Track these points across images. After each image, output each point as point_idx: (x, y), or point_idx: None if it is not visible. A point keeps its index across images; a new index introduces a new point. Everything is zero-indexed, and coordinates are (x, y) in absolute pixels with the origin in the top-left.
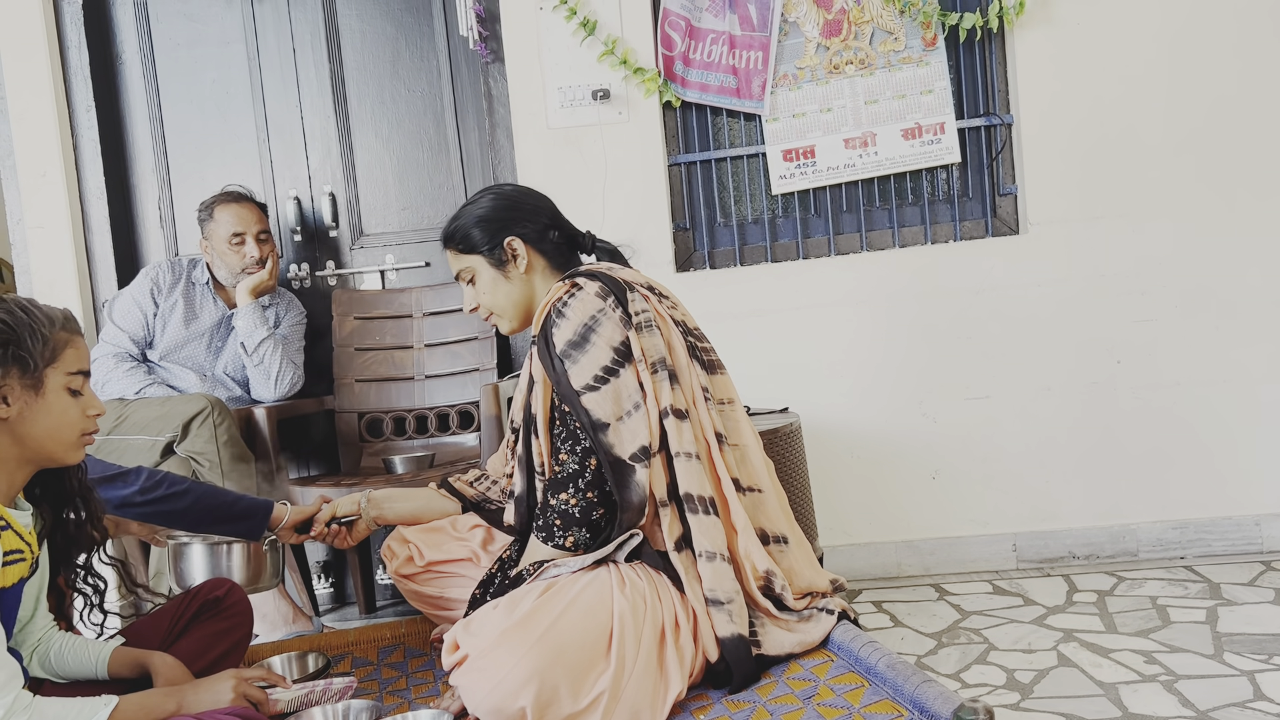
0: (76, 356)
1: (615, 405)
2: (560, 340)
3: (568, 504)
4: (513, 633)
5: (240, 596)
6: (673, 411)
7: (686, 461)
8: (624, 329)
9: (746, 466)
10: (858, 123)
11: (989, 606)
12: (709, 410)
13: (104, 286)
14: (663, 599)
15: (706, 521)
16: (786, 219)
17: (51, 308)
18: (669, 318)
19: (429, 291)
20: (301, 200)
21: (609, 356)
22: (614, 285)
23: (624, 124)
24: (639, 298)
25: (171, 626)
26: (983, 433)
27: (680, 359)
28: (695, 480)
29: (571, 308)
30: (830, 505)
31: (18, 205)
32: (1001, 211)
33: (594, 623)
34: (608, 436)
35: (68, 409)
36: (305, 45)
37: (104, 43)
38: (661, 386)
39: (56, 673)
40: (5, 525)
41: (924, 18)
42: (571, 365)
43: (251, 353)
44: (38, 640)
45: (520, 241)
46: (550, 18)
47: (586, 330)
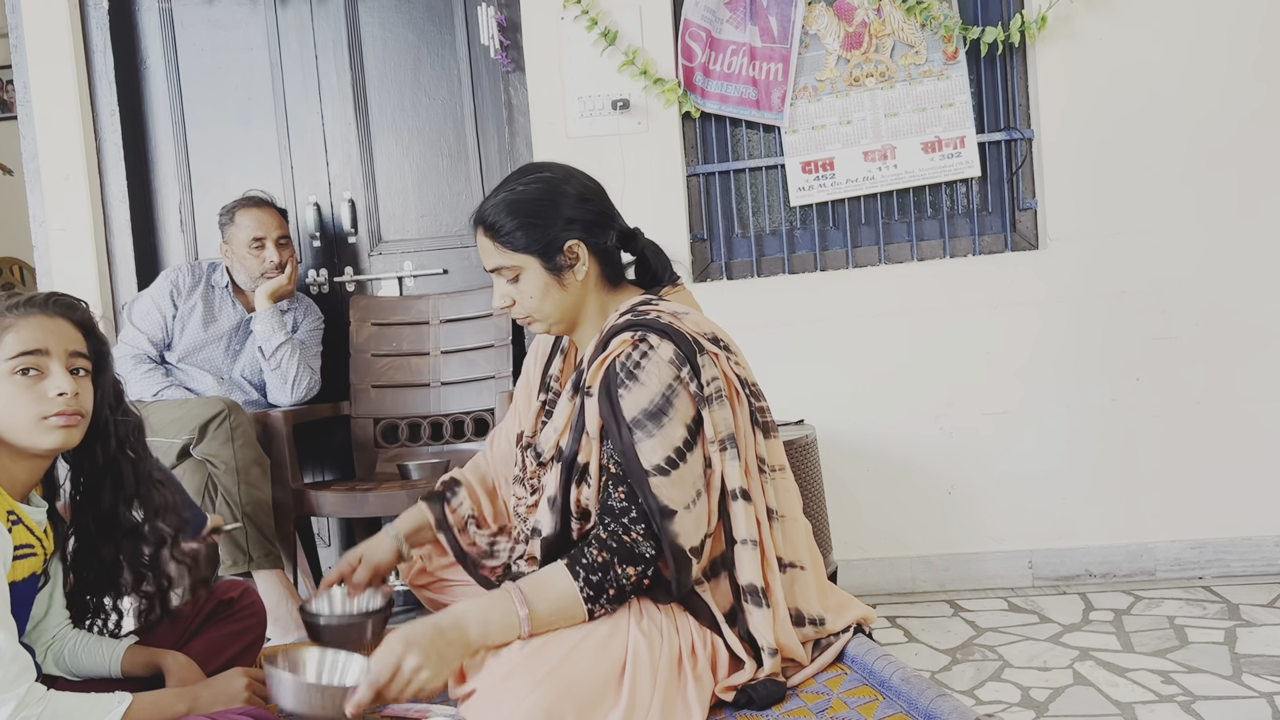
0: (18, 340)
1: (683, 491)
2: (632, 408)
3: (629, 578)
4: (522, 666)
5: (254, 598)
6: (740, 494)
7: (743, 548)
8: (695, 404)
9: (789, 542)
10: (877, 135)
11: (1004, 623)
12: (764, 483)
13: (124, 289)
14: (680, 629)
15: (759, 616)
16: (804, 231)
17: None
18: (734, 378)
19: (446, 299)
20: (321, 206)
21: (682, 436)
22: (685, 347)
23: (643, 134)
24: (709, 361)
25: (186, 627)
26: (1000, 448)
27: (744, 430)
28: (755, 570)
29: (647, 372)
30: (845, 519)
31: (41, 207)
32: (1021, 226)
33: (606, 658)
34: (674, 524)
35: (15, 395)
36: (327, 52)
37: (129, 48)
38: (731, 466)
39: (70, 670)
40: (16, 520)
41: (945, 31)
42: (644, 440)
43: (269, 357)
44: (52, 637)
45: (583, 246)
46: (571, 28)
47: (664, 403)
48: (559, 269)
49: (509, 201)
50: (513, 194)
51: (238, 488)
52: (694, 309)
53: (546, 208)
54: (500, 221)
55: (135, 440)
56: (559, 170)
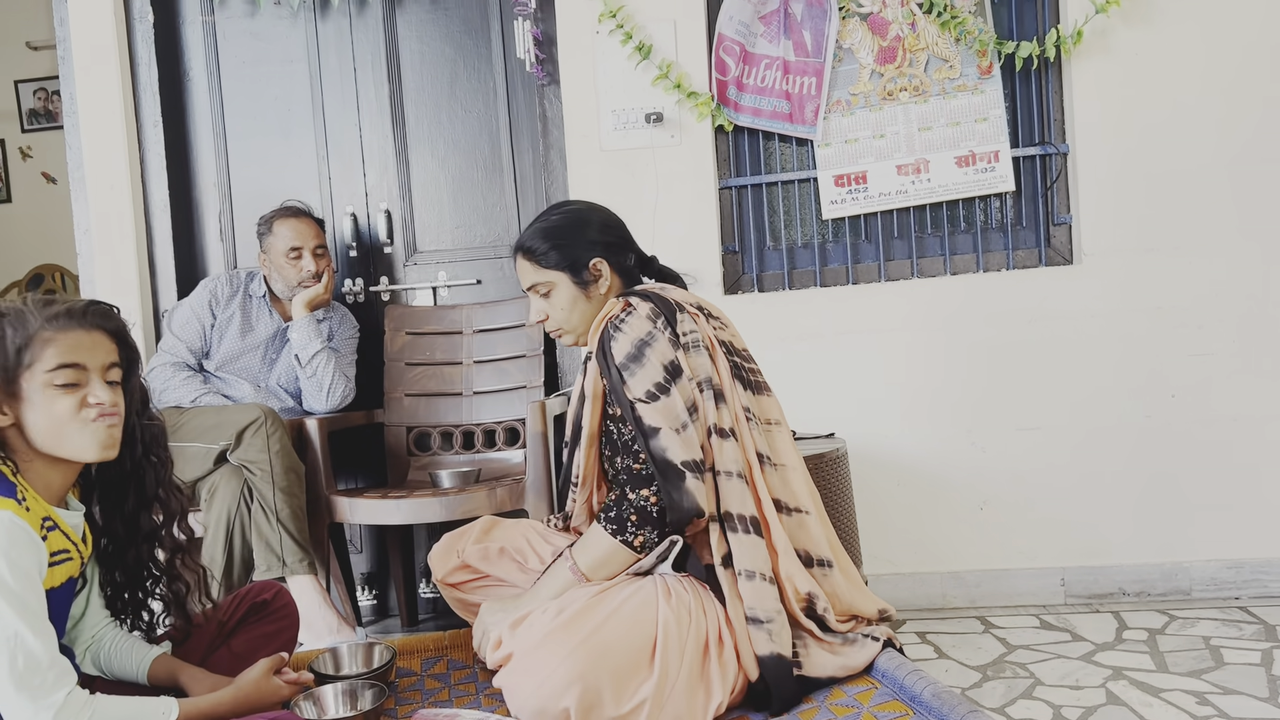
0: (58, 353)
1: (666, 417)
2: (619, 353)
3: (648, 500)
4: (558, 634)
5: (287, 600)
6: (716, 430)
7: (728, 480)
8: (673, 349)
9: (789, 488)
10: (911, 149)
11: (1036, 641)
12: (751, 430)
13: (165, 296)
14: (707, 612)
15: (747, 541)
16: (837, 244)
17: (31, 308)
18: (715, 339)
19: (479, 309)
20: (358, 217)
21: (661, 374)
22: (664, 306)
23: (676, 147)
24: (688, 318)
25: (220, 628)
26: (1032, 464)
27: (725, 379)
28: (737, 499)
29: (628, 324)
30: (876, 533)
31: (85, 215)
32: (1056, 241)
33: (638, 630)
34: (660, 440)
35: (52, 408)
36: (366, 65)
37: (173, 60)
38: (707, 405)
39: (106, 672)
40: (53, 526)
41: (980, 46)
42: (630, 377)
43: (305, 365)
44: (91, 638)
45: (605, 264)
46: (606, 41)
47: (641, 346)
48: (585, 283)
49: (542, 228)
50: (546, 222)
51: (273, 493)
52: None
53: (574, 231)
54: (535, 244)
55: (159, 445)
56: (583, 204)
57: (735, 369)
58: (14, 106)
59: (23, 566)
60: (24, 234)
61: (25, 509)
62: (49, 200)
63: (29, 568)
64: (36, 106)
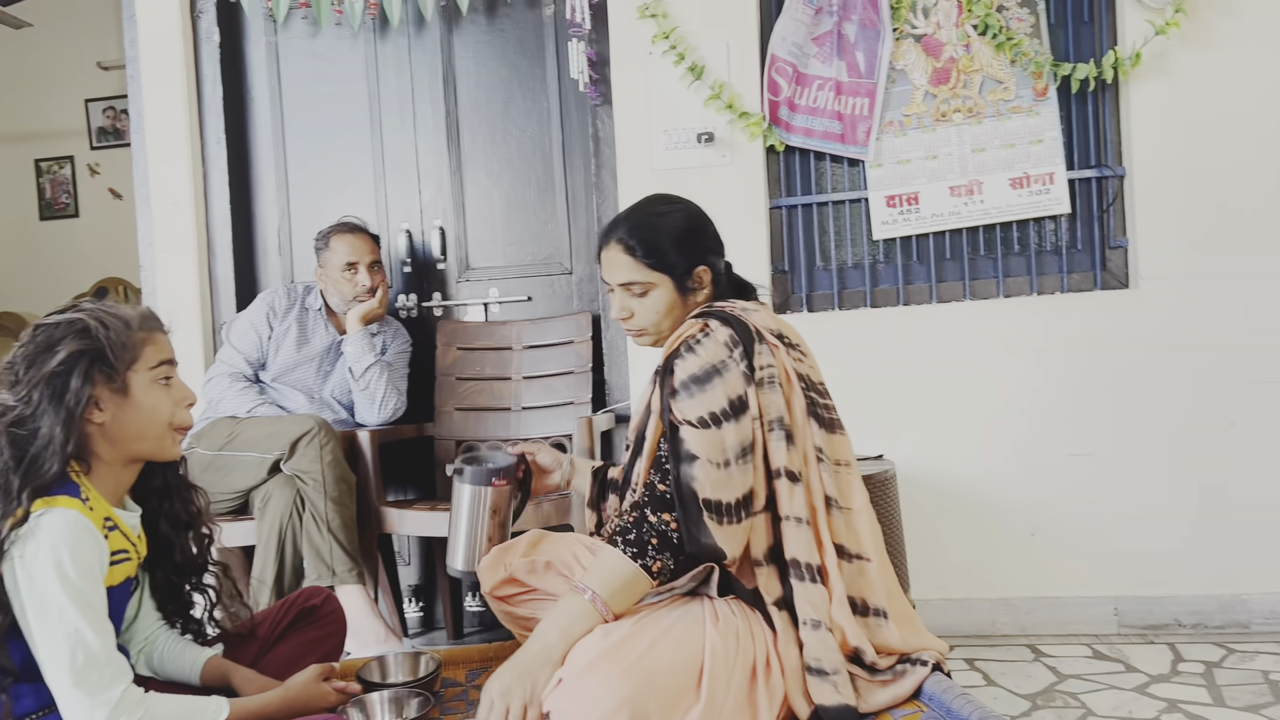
0: (157, 351)
1: (710, 449)
2: (682, 374)
3: (668, 525)
4: (606, 658)
5: (335, 606)
6: (786, 473)
7: (796, 526)
8: (744, 384)
9: (853, 533)
10: (964, 170)
11: (1088, 671)
12: (821, 472)
13: (224, 309)
14: (755, 637)
15: (812, 590)
16: (888, 265)
17: (127, 309)
18: (793, 373)
19: (529, 325)
20: (412, 233)
21: (722, 404)
22: (744, 334)
23: (727, 167)
24: (766, 350)
25: (269, 632)
26: (1086, 491)
27: (798, 417)
28: (802, 546)
29: (703, 347)
30: (924, 557)
31: (149, 229)
32: (1111, 265)
33: (685, 654)
34: (691, 469)
35: (158, 403)
36: (423, 85)
37: (237, 79)
38: (777, 446)
39: (159, 672)
40: (113, 526)
41: (1035, 68)
42: (685, 399)
43: (358, 378)
44: (144, 639)
45: (709, 272)
46: (659, 62)
47: (710, 374)
48: (686, 290)
49: (656, 225)
50: (661, 218)
51: (324, 503)
52: (766, 312)
53: (692, 235)
54: (644, 241)
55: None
56: (689, 203)
57: (810, 405)
58: (84, 125)
59: (86, 564)
60: (90, 248)
61: (89, 508)
62: (115, 215)
63: (92, 565)
64: (105, 124)
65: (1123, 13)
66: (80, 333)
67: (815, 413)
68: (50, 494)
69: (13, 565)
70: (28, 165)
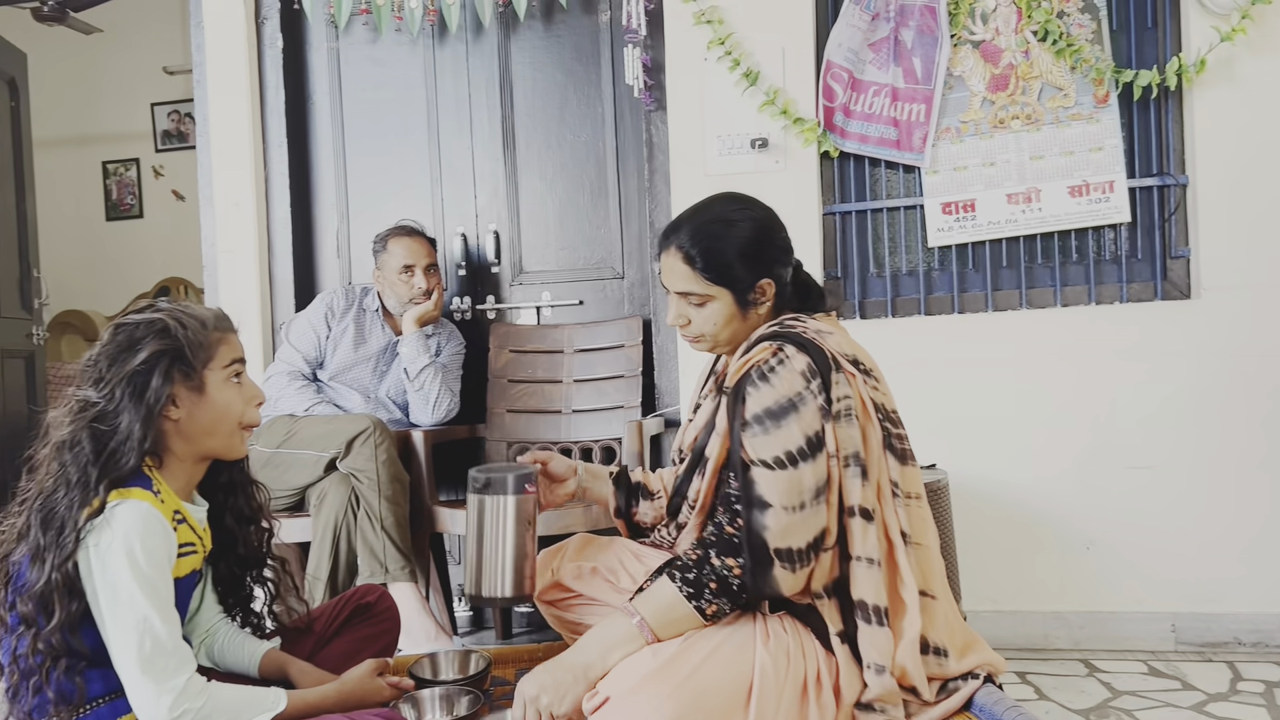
0: (230, 350)
1: (785, 494)
2: (754, 406)
3: (731, 570)
4: (654, 677)
5: (390, 604)
6: (860, 511)
7: (866, 568)
8: (821, 418)
9: (922, 569)
10: (1022, 178)
11: (1143, 688)
12: (896, 507)
13: (282, 309)
14: (807, 654)
15: (878, 634)
16: (942, 272)
17: (202, 310)
18: (870, 402)
19: (581, 329)
20: (467, 237)
21: (797, 444)
22: (821, 362)
23: (780, 172)
24: (843, 379)
25: (325, 627)
26: (1144, 505)
27: (874, 451)
28: (871, 588)
29: (778, 376)
30: (976, 568)
31: (212, 230)
32: (1173, 275)
33: (734, 674)
34: (765, 517)
35: (231, 401)
36: (480, 90)
37: (299, 84)
38: (852, 484)
39: (218, 664)
40: (182, 519)
41: (1096, 74)
42: (759, 435)
43: (413, 378)
44: (205, 632)
45: (773, 285)
46: (714, 68)
47: (785, 409)
48: (747, 303)
49: (721, 235)
50: (726, 226)
51: (379, 501)
52: (840, 332)
53: (755, 247)
54: (706, 253)
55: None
56: (760, 208)
57: (885, 436)
58: (149, 128)
59: (156, 554)
60: (153, 248)
61: (160, 501)
62: (178, 216)
63: (161, 556)
64: (169, 128)
65: (1187, 18)
66: (160, 333)
67: (890, 444)
68: (125, 486)
69: (87, 553)
70: (95, 167)
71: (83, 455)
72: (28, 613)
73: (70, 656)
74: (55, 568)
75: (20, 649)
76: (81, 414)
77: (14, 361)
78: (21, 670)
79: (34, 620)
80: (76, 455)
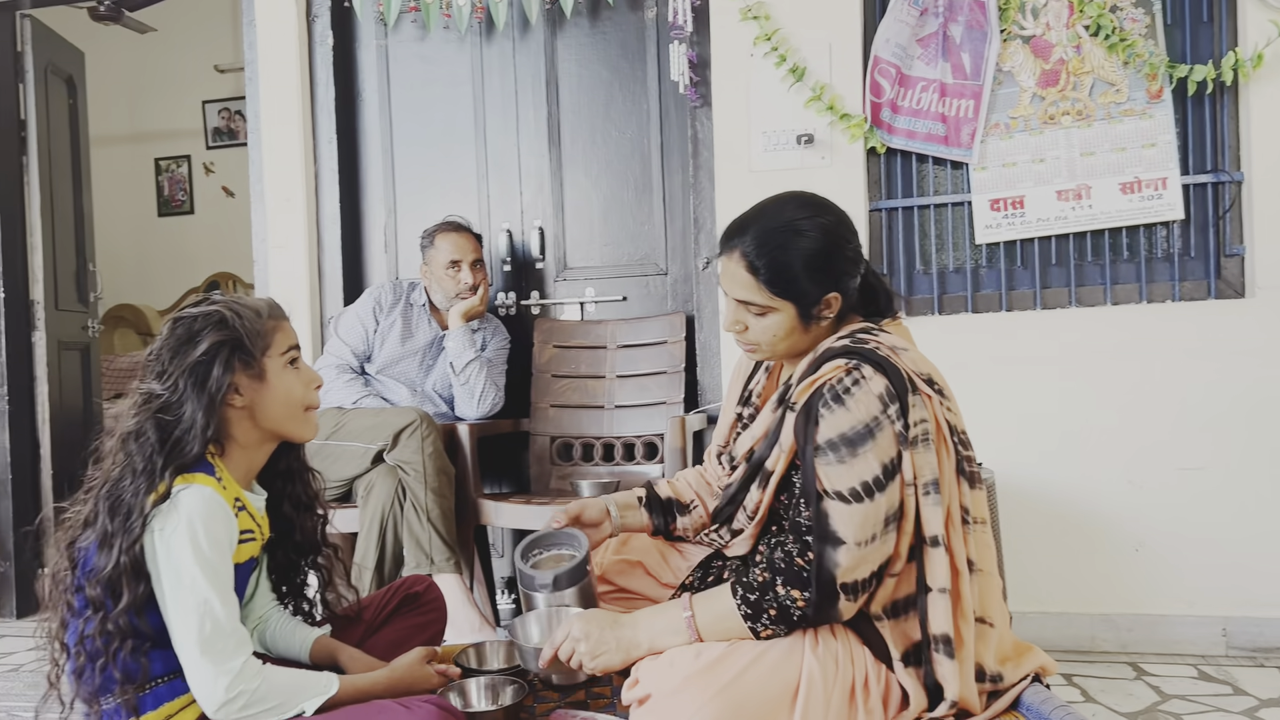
0: (285, 337)
1: (860, 529)
2: (829, 431)
3: (794, 601)
4: (697, 679)
5: (437, 595)
6: (931, 540)
7: (938, 598)
8: (898, 445)
9: (983, 597)
10: (1072, 174)
11: (1193, 692)
12: (966, 535)
13: (331, 303)
14: (855, 660)
15: (947, 664)
16: (990, 269)
17: (255, 300)
18: (945, 424)
19: (624, 325)
20: (513, 233)
21: (874, 473)
22: (898, 384)
23: (826, 168)
24: (920, 403)
25: (374, 616)
26: (1195, 507)
27: (947, 476)
28: (940, 618)
29: (855, 399)
30: (1022, 568)
31: (263, 226)
32: (1227, 273)
33: (780, 679)
34: (836, 555)
35: (291, 385)
36: (526, 88)
37: (348, 82)
38: (932, 512)
39: (271, 650)
40: (242, 506)
41: (1150, 70)
42: (833, 464)
43: (459, 373)
44: (259, 618)
45: (840, 298)
46: (760, 64)
47: (863, 435)
48: (811, 318)
49: (788, 245)
50: (795, 236)
51: (425, 493)
52: (911, 345)
53: (823, 262)
54: (772, 265)
55: None
56: (830, 214)
57: (958, 460)
58: (200, 125)
59: (218, 539)
60: (203, 243)
61: (223, 488)
62: (227, 212)
63: (223, 541)
64: (220, 125)
65: (1244, 12)
66: (218, 324)
67: (961, 468)
68: (189, 472)
69: (153, 537)
70: (148, 164)
71: (148, 444)
72: (96, 596)
73: (136, 638)
74: (123, 551)
75: (88, 630)
76: (146, 405)
77: (70, 353)
78: (89, 652)
79: (102, 603)
80: (142, 445)
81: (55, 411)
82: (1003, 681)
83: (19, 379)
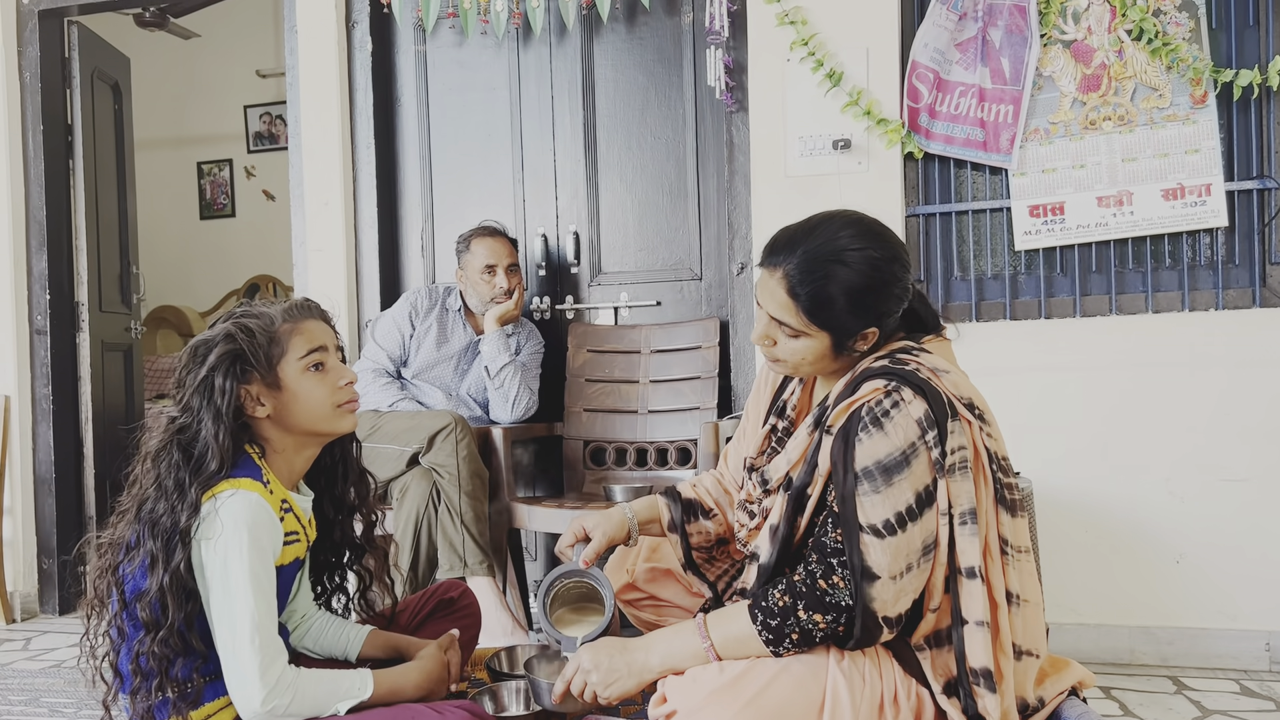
0: (305, 340)
1: (895, 560)
2: (865, 458)
3: (816, 624)
4: (722, 694)
5: (472, 600)
6: (966, 572)
7: (974, 630)
8: (932, 472)
9: (1026, 628)
10: (1113, 180)
11: (1235, 708)
12: (1006, 566)
13: (368, 307)
14: (884, 675)
15: (989, 698)
16: (1029, 276)
17: (272, 307)
18: (984, 451)
19: (658, 330)
20: (548, 238)
21: (908, 502)
22: (938, 410)
23: (863, 174)
24: (960, 428)
25: (410, 620)
26: (1238, 519)
27: (984, 504)
28: (979, 652)
29: (893, 423)
30: (1059, 579)
31: (302, 229)
32: (1272, 281)
33: (804, 694)
34: (872, 589)
35: (313, 389)
36: (563, 92)
37: (386, 87)
38: (968, 543)
39: (313, 650)
40: (289, 509)
41: (1194, 74)
42: (869, 494)
43: (494, 376)
44: (302, 617)
45: (878, 333)
46: (797, 69)
47: (899, 463)
48: (844, 348)
49: (832, 275)
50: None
51: (459, 496)
52: (954, 366)
53: (869, 297)
54: (813, 295)
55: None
56: (884, 246)
57: (997, 489)
58: (242, 129)
59: (262, 545)
60: (244, 246)
61: (269, 492)
62: (268, 215)
63: (266, 548)
64: (261, 129)
65: None
66: (224, 339)
67: (1001, 496)
68: (235, 476)
69: (198, 546)
70: (190, 168)
71: (174, 464)
72: (148, 618)
73: (188, 655)
74: (168, 570)
75: (141, 649)
76: (168, 429)
77: (114, 354)
78: (144, 672)
79: (155, 625)
80: (169, 465)
81: (98, 411)
82: (1044, 707)
83: (63, 379)
